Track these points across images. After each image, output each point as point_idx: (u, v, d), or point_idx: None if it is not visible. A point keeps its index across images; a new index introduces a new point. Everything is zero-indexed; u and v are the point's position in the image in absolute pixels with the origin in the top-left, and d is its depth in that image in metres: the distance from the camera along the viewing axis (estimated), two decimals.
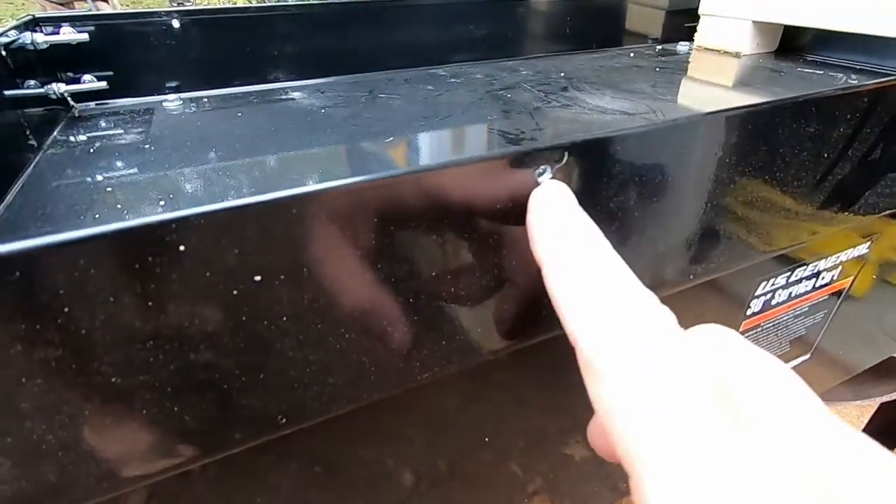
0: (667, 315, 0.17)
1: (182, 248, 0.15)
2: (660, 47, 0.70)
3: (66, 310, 0.16)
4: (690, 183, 0.25)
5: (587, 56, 0.65)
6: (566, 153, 0.19)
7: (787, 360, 0.39)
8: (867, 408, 0.77)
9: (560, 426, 0.40)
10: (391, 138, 0.37)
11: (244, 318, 0.17)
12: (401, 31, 0.57)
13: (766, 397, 0.14)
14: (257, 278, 0.17)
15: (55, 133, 0.38)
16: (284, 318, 0.17)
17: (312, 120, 0.41)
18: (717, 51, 0.66)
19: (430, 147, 0.37)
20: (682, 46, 0.69)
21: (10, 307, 0.16)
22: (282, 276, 0.17)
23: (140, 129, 0.39)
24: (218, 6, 0.46)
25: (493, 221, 0.19)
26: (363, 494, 0.31)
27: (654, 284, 0.26)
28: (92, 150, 0.34)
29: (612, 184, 0.22)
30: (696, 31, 0.73)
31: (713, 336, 0.16)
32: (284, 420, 0.19)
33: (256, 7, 0.49)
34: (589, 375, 0.16)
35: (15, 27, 0.38)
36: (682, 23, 0.73)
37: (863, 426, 0.81)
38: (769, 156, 0.26)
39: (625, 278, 0.17)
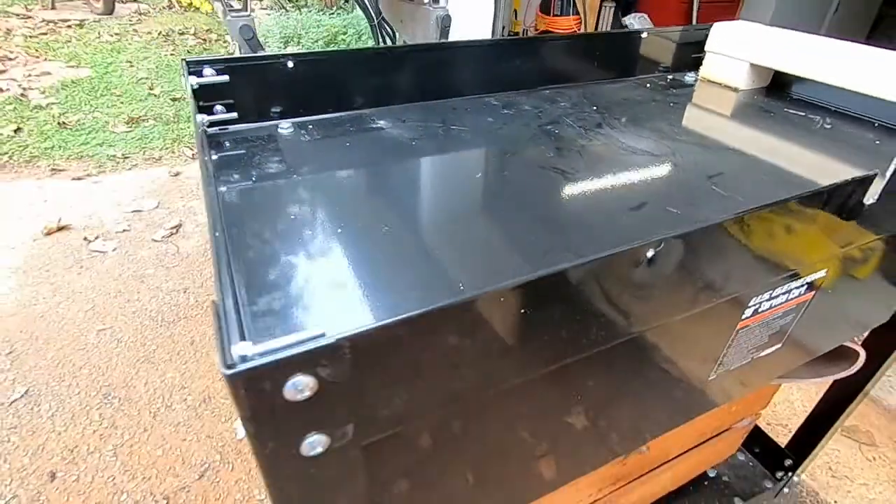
0: None
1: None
2: (671, 77, 0.81)
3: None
4: (744, 249, 0.35)
5: (611, 86, 0.76)
6: (662, 243, 0.29)
7: (763, 350, 0.52)
8: (822, 385, 0.92)
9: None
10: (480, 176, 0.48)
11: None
12: (456, 67, 0.67)
13: None
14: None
15: (211, 159, 0.48)
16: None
17: (413, 150, 0.52)
18: (718, 84, 0.77)
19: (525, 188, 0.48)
20: (689, 77, 0.81)
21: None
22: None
23: (278, 159, 0.49)
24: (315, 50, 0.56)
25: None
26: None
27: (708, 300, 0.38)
28: (254, 180, 0.45)
29: (691, 256, 0.32)
30: (700, 61, 0.84)
31: None
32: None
33: (344, 50, 0.58)
34: None
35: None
36: (690, 54, 0.84)
37: (818, 398, 0.96)
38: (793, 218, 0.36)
39: None
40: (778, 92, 0.76)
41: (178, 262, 1.68)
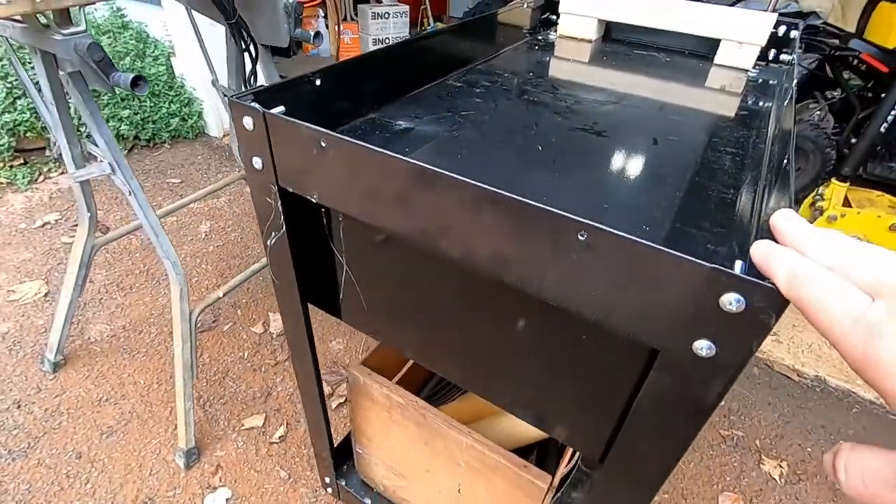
0: None
1: None
2: (539, 38, 0.97)
3: None
4: None
5: (511, 53, 0.88)
6: None
7: None
8: None
9: None
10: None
11: None
12: (415, 58, 0.69)
13: None
14: None
15: None
16: None
17: (468, 142, 0.55)
18: (574, 38, 0.97)
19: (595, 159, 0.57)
20: (552, 35, 0.98)
21: None
22: None
23: None
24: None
25: None
26: None
27: None
28: None
29: None
30: (548, 20, 1.03)
31: None
32: None
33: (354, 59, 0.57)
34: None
35: None
36: (539, 15, 1.02)
37: None
38: None
39: None
40: (609, 39, 0.99)
41: None
